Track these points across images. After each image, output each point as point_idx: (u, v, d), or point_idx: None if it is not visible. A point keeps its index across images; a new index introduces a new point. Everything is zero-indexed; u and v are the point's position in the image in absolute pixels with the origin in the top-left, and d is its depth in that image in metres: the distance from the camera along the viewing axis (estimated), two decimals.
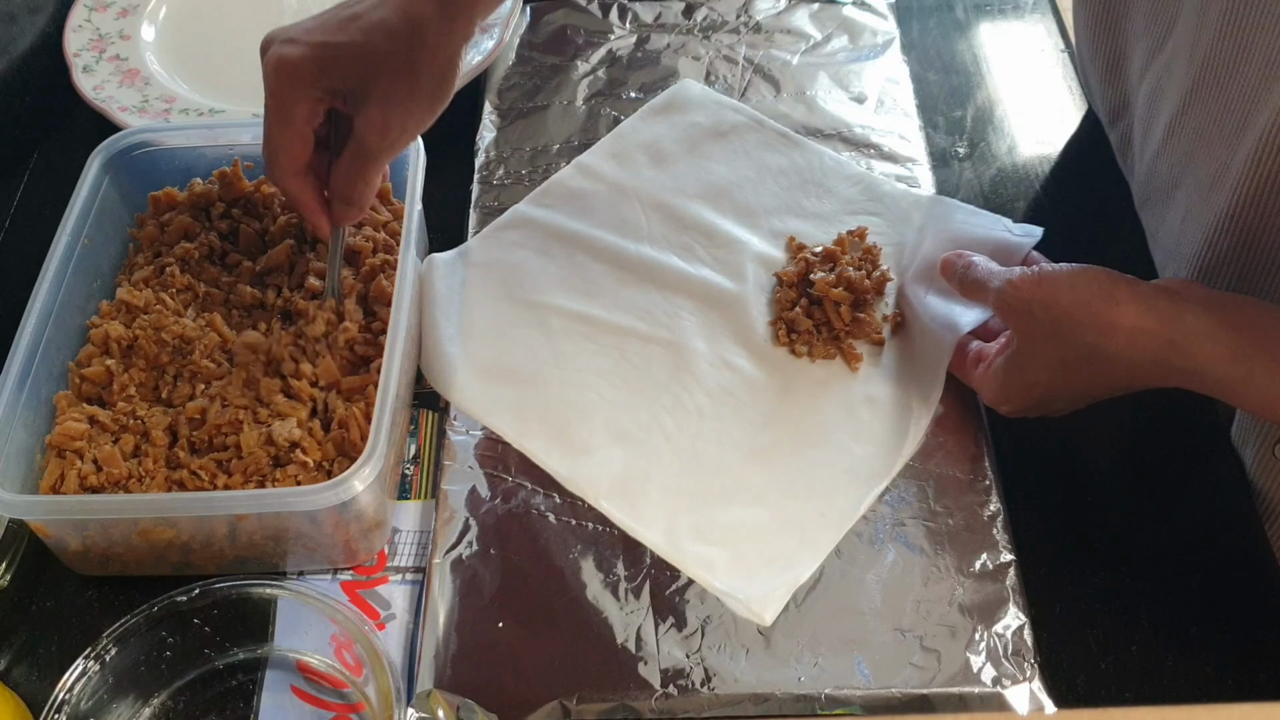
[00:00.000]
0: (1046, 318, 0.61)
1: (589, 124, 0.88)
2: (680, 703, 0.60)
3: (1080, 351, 0.60)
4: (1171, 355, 0.57)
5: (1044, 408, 0.66)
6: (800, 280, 0.75)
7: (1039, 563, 0.65)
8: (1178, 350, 0.57)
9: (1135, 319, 0.58)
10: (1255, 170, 0.63)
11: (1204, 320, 0.57)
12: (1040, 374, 0.63)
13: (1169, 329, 0.57)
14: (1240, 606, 0.64)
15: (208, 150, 0.78)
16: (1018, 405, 0.66)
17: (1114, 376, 0.60)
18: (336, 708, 0.61)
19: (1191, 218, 0.71)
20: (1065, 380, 0.62)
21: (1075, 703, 0.60)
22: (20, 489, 0.63)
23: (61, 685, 0.58)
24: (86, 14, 0.96)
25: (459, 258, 0.79)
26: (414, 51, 0.65)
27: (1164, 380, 0.59)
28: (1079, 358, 0.60)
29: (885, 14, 0.94)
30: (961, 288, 0.68)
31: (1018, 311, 0.62)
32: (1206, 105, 0.67)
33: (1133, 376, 0.60)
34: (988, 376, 0.66)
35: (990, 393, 0.67)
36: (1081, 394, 0.63)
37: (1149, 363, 0.58)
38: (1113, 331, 0.59)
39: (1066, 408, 0.66)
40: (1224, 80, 0.65)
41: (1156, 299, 0.59)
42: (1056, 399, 0.64)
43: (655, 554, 0.65)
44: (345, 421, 0.65)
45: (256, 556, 0.65)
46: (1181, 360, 0.57)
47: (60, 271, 0.69)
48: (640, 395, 0.71)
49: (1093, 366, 0.60)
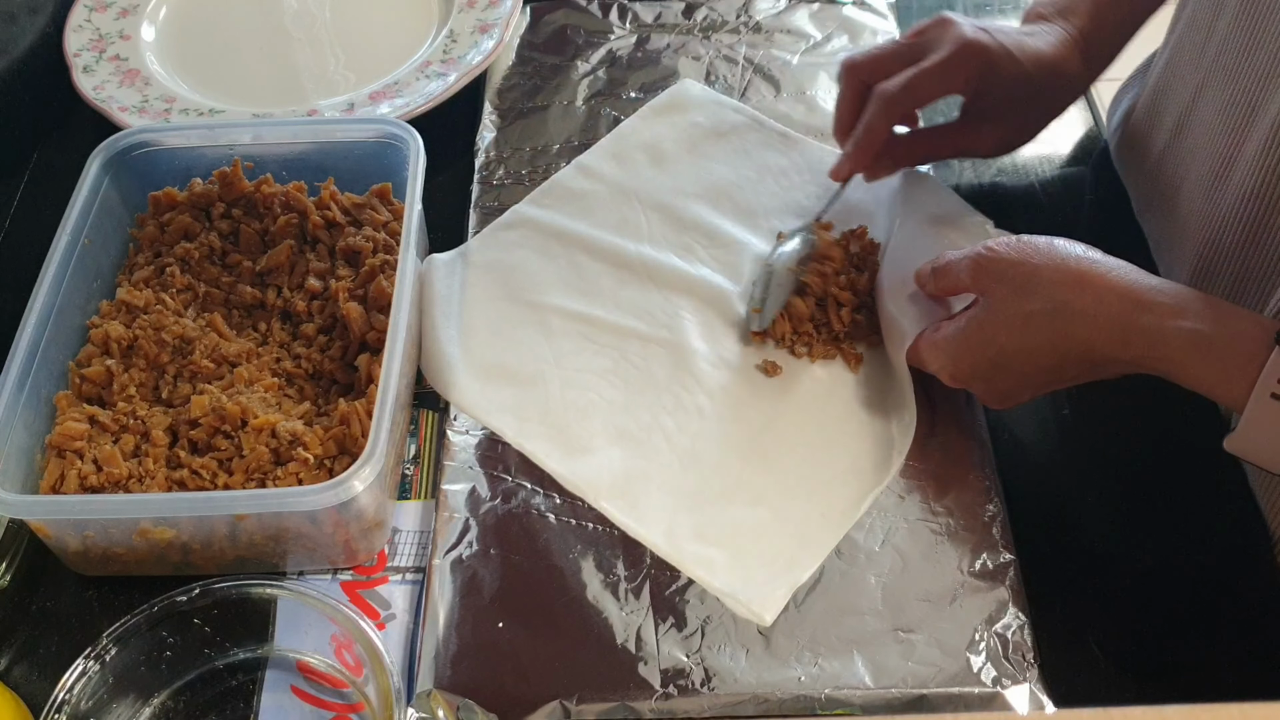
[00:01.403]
0: (1018, 274, 0.61)
1: (589, 124, 0.88)
2: (680, 703, 0.60)
3: (1046, 306, 0.60)
4: (1136, 315, 0.58)
5: (994, 379, 0.64)
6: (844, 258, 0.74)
7: (1039, 563, 0.65)
8: (1142, 308, 0.58)
9: (1104, 278, 0.59)
10: (1263, 161, 0.63)
11: (1173, 289, 0.58)
12: (999, 332, 0.62)
13: (1137, 291, 0.58)
14: (1240, 606, 0.64)
15: (208, 150, 0.78)
16: (969, 369, 0.64)
17: (1073, 339, 0.60)
18: (336, 708, 0.61)
19: (1194, 215, 0.71)
20: (1022, 339, 0.61)
21: (1075, 703, 0.60)
22: (20, 489, 0.63)
23: (61, 685, 0.58)
24: (86, 14, 0.96)
25: (459, 258, 0.79)
26: (1057, 97, 0.75)
27: (1122, 347, 0.58)
28: (1043, 313, 0.60)
29: (885, 14, 0.94)
30: (934, 277, 0.67)
31: (990, 274, 0.62)
32: (1217, 95, 0.68)
33: (1091, 341, 0.59)
34: (940, 340, 0.65)
35: (941, 357, 0.65)
36: (1035, 366, 0.62)
37: (1110, 324, 0.58)
38: (1082, 286, 0.59)
39: (1014, 388, 0.64)
40: (1234, 70, 0.65)
41: (1131, 269, 0.60)
42: (1008, 368, 0.63)
43: (655, 554, 0.65)
44: (346, 417, 0.65)
45: (256, 556, 0.65)
46: (1145, 319, 0.57)
47: (60, 271, 0.69)
48: (640, 395, 0.71)
49: (1054, 324, 0.60)
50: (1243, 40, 0.64)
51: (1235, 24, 0.65)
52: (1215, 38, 0.67)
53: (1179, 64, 0.73)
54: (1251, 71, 0.64)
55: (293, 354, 0.71)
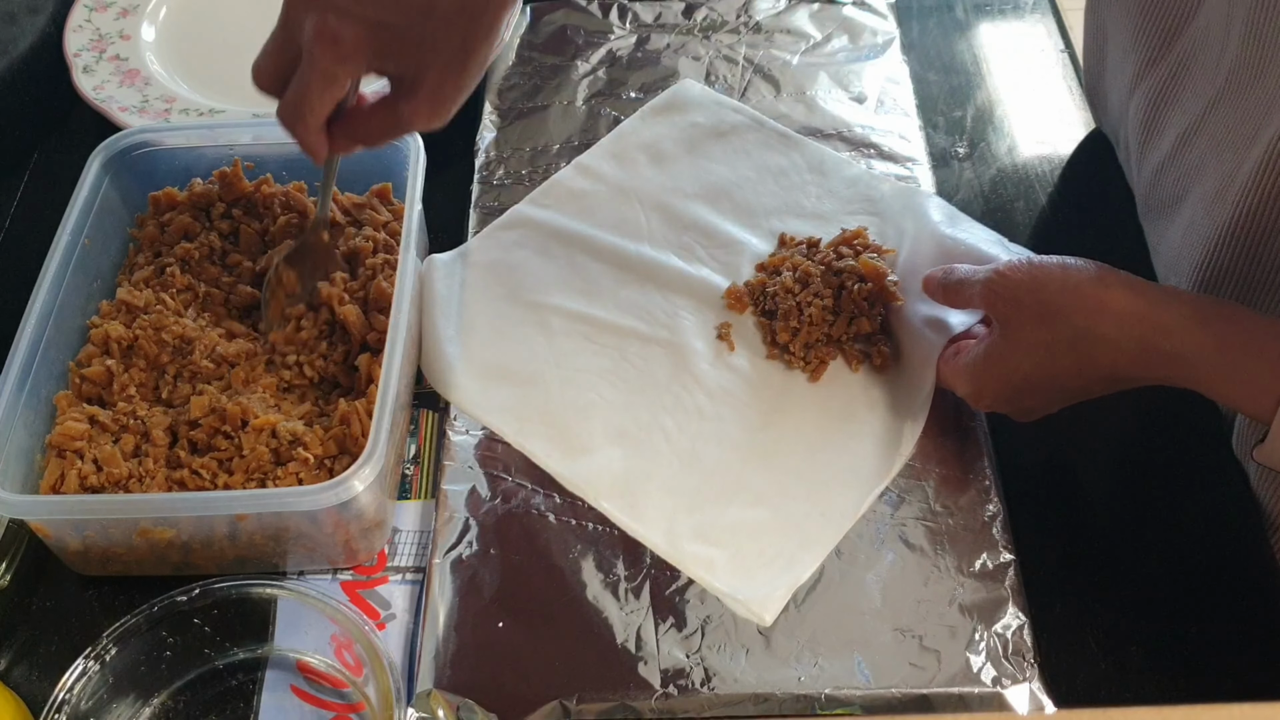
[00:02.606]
0: (1034, 301, 0.61)
1: (589, 124, 0.88)
2: (680, 703, 0.60)
3: (1067, 334, 0.60)
4: (1158, 339, 0.57)
5: (1018, 401, 0.64)
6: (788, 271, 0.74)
7: (1039, 563, 0.65)
8: (1165, 333, 0.57)
9: (1125, 302, 0.58)
10: (1259, 183, 0.63)
11: (1192, 306, 0.58)
12: (1022, 361, 0.62)
13: (1157, 312, 0.58)
14: (1240, 606, 0.64)
15: (208, 150, 0.78)
16: (992, 396, 0.65)
17: (1097, 364, 0.60)
18: (336, 708, 0.61)
19: (1194, 230, 0.71)
20: (1046, 367, 0.61)
21: (1075, 703, 0.60)
22: (20, 489, 0.63)
23: (61, 685, 0.58)
24: (86, 14, 0.96)
25: (459, 258, 0.79)
26: (469, 42, 0.62)
27: (1146, 369, 0.59)
28: (1064, 340, 0.60)
29: (885, 14, 0.94)
30: (944, 293, 0.67)
31: (1005, 299, 0.62)
32: (1227, 114, 0.67)
33: (1115, 364, 0.59)
34: (962, 367, 0.66)
35: (964, 384, 0.66)
36: (1060, 388, 0.62)
37: (1134, 348, 0.58)
38: (1101, 313, 0.59)
39: (1040, 406, 0.65)
40: (1245, 90, 0.65)
41: (1147, 287, 0.59)
42: (1033, 391, 0.63)
43: (655, 554, 0.65)
44: (346, 417, 0.65)
45: (256, 556, 0.65)
46: (1168, 343, 0.57)
47: (60, 271, 0.69)
48: (640, 395, 0.71)
49: (1077, 351, 0.60)
50: (1253, 64, 0.64)
51: (1244, 47, 0.64)
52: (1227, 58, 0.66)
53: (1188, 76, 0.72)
54: (1260, 93, 0.63)
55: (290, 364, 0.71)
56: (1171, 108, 0.73)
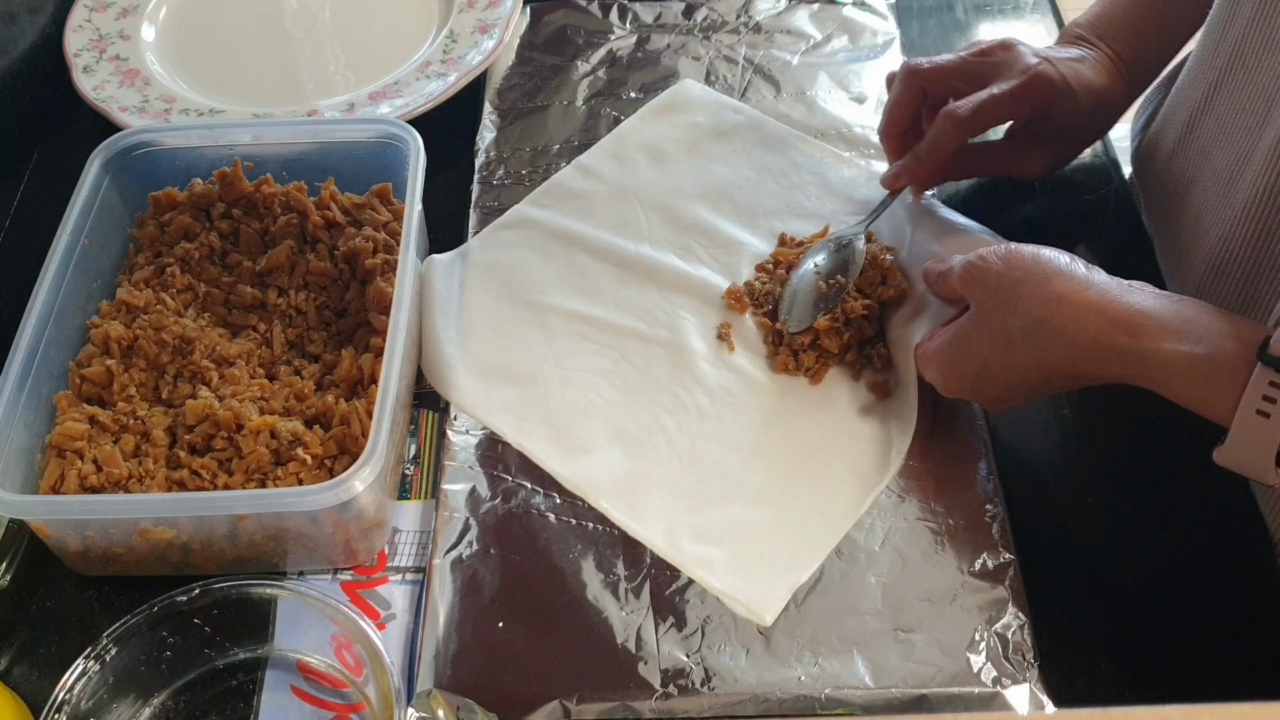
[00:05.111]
0: (1000, 286, 0.61)
1: (589, 124, 0.88)
2: (680, 703, 0.60)
3: (1025, 323, 0.60)
4: (1115, 334, 0.57)
5: (981, 390, 0.64)
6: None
7: (1039, 563, 0.65)
8: (1121, 327, 0.57)
9: (1083, 295, 0.59)
10: (1277, 160, 0.63)
11: (1152, 302, 0.58)
12: (983, 345, 0.62)
13: (1115, 308, 0.58)
14: (1240, 606, 0.64)
15: (208, 150, 0.78)
16: (956, 381, 0.65)
17: (1053, 356, 0.59)
18: (336, 708, 0.61)
19: (1207, 214, 0.71)
20: (1004, 355, 0.61)
21: (1075, 703, 0.60)
22: (20, 489, 0.63)
23: (61, 685, 0.58)
24: (86, 14, 0.96)
25: (459, 258, 0.79)
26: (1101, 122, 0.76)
27: (1103, 366, 0.58)
28: (1023, 329, 0.60)
29: (885, 14, 0.94)
30: (935, 282, 0.68)
31: (978, 283, 0.62)
32: (1232, 95, 0.67)
33: (1071, 358, 0.59)
34: (931, 352, 0.66)
35: (932, 368, 0.66)
36: (1020, 379, 0.62)
37: (1090, 343, 0.58)
38: (1059, 304, 0.59)
39: (1005, 396, 0.64)
40: (1251, 69, 0.65)
41: (1109, 282, 0.59)
42: (992, 380, 0.63)
43: (655, 554, 0.65)
44: (347, 417, 0.65)
45: (256, 556, 0.65)
46: (1125, 338, 0.57)
47: (60, 271, 0.69)
48: (640, 395, 0.71)
49: (1034, 341, 0.60)
50: (1260, 41, 0.64)
51: (1252, 24, 0.64)
52: (1230, 37, 0.67)
53: (1193, 62, 0.73)
54: (1269, 71, 0.64)
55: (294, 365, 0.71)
56: (1180, 94, 0.74)
